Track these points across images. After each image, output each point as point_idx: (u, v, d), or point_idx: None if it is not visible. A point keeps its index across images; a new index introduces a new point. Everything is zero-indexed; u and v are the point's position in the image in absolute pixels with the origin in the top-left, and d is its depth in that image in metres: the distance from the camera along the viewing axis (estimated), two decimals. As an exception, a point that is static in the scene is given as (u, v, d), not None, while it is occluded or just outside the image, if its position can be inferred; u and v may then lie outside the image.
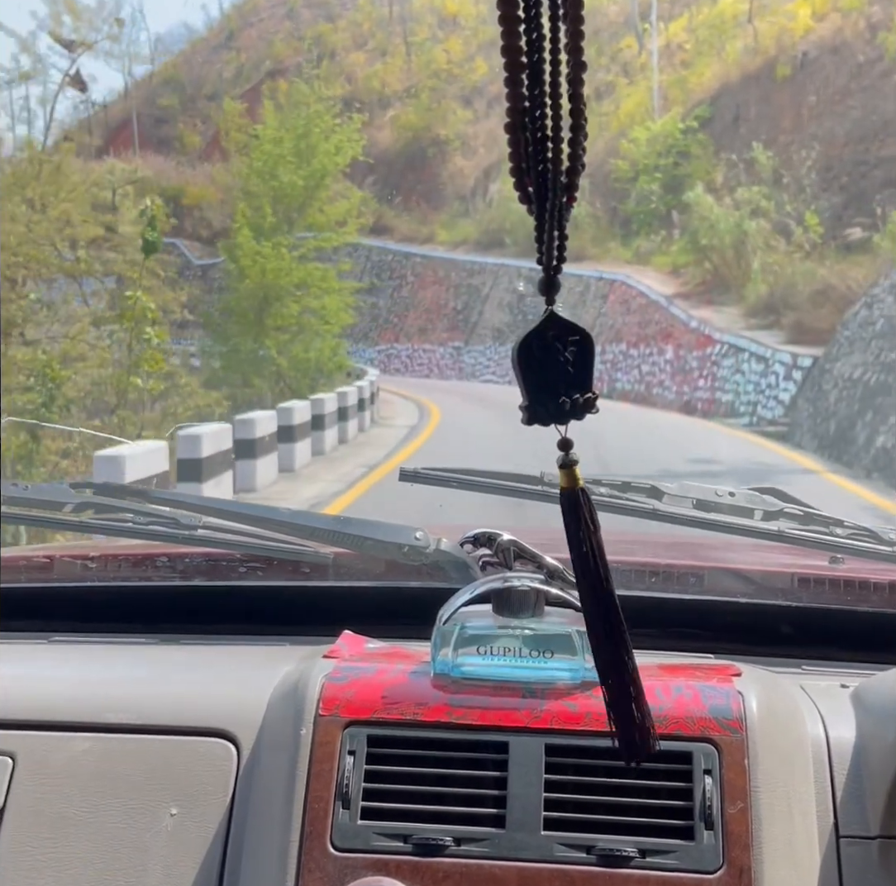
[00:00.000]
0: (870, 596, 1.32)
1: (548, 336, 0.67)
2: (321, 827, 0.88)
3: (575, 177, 0.63)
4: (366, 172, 43.06)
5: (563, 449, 0.71)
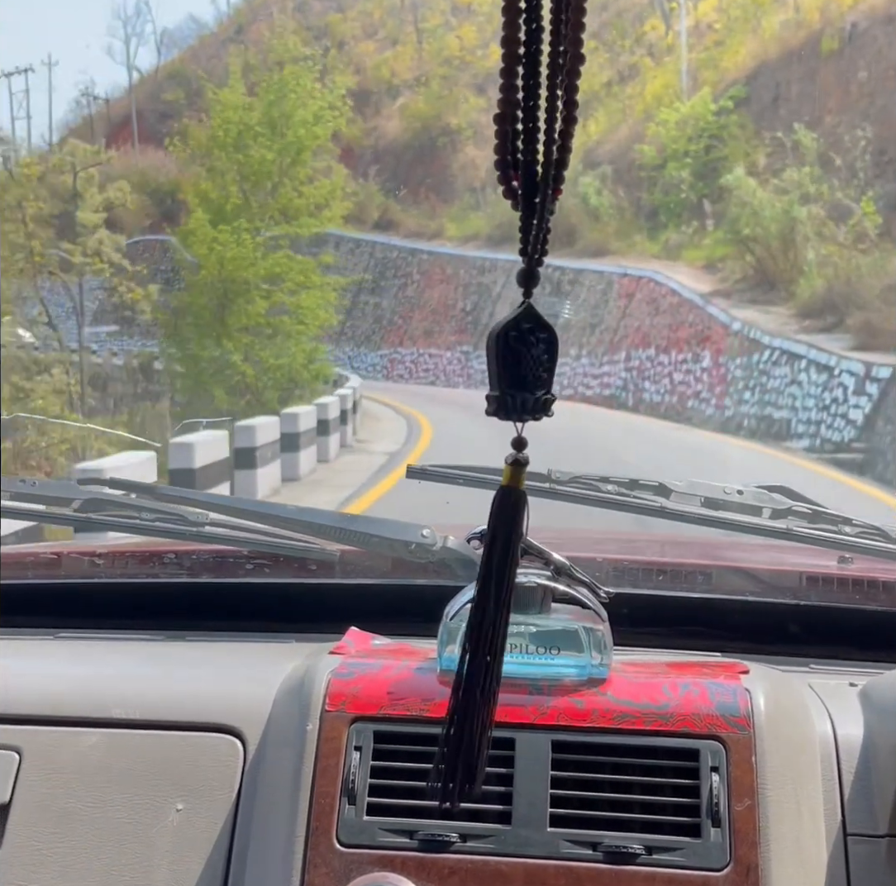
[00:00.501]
0: (878, 594, 1.33)
1: (523, 328, 0.66)
2: (327, 823, 0.89)
3: (562, 169, 0.63)
4: (370, 163, 40.20)
5: (517, 447, 0.70)
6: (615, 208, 27.52)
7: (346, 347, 34.24)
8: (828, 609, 1.24)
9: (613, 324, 24.26)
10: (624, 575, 1.33)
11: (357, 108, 45.13)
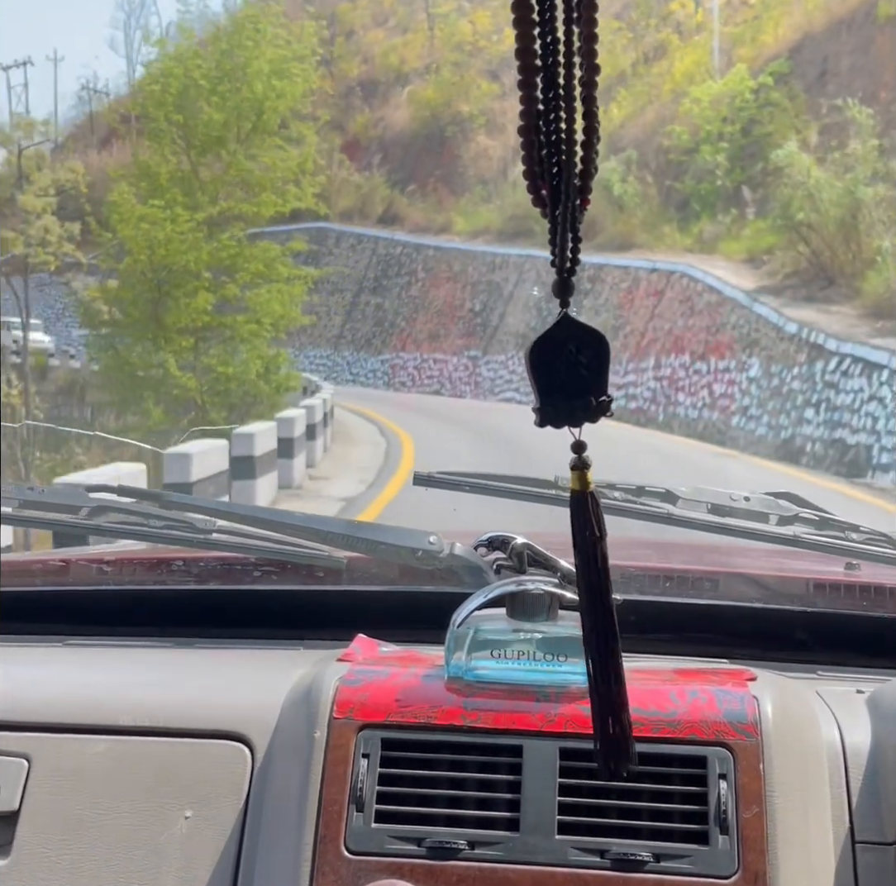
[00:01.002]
0: (886, 601, 1.32)
1: (561, 338, 0.67)
2: (335, 830, 0.89)
3: (588, 179, 0.64)
4: (375, 154, 37.50)
5: (576, 451, 0.71)
6: (641, 197, 24.52)
7: (346, 352, 31.49)
8: (835, 615, 1.24)
9: (640, 327, 21.21)
10: (631, 582, 1.31)
11: (364, 99, 42.25)
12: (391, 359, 30.10)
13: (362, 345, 31.72)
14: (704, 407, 17.88)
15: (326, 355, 32.68)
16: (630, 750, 0.79)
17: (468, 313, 27.88)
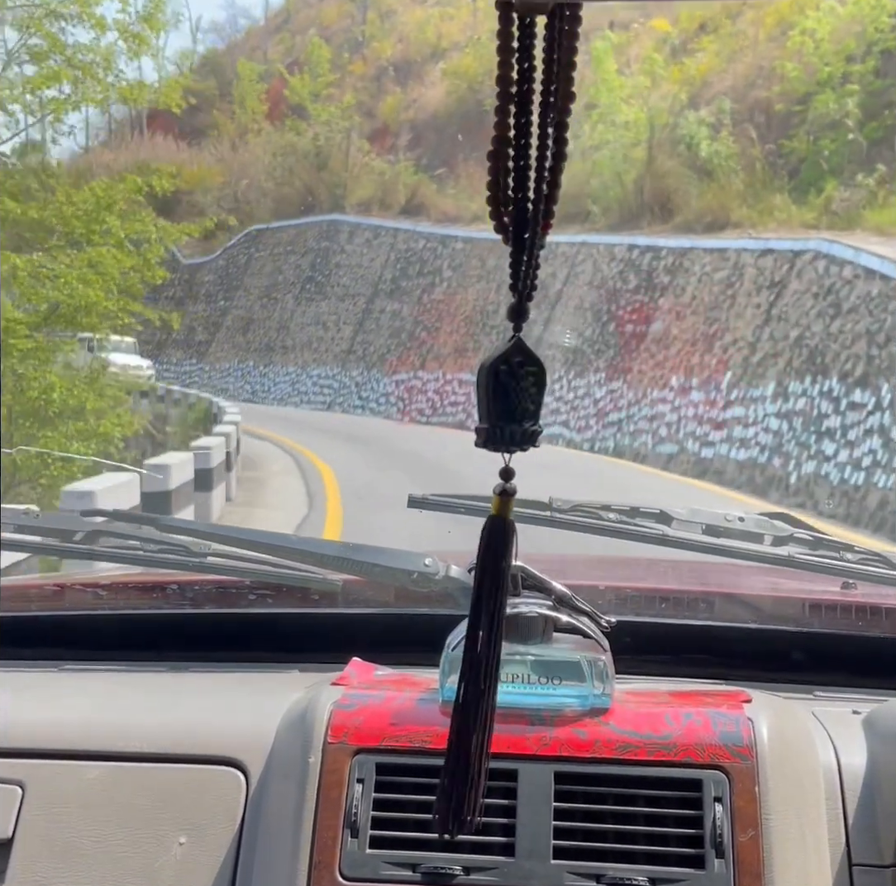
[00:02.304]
0: (881, 621, 1.34)
1: (514, 362, 0.68)
2: (330, 856, 0.89)
3: (552, 204, 0.65)
4: (402, 135, 31.28)
5: (504, 477, 0.72)
6: (739, 159, 17.98)
7: (355, 370, 25.05)
8: (831, 636, 1.24)
9: (748, 334, 14.49)
10: (626, 603, 1.32)
11: (397, 80, 36.24)
12: (408, 380, 23.71)
13: (374, 362, 25.39)
14: (880, 467, 10.49)
15: (332, 374, 26.52)
16: (474, 805, 0.79)
17: (503, 321, 21.32)
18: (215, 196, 36.84)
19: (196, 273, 35.08)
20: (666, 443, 15.14)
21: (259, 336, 30.45)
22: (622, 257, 18.61)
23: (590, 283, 19.17)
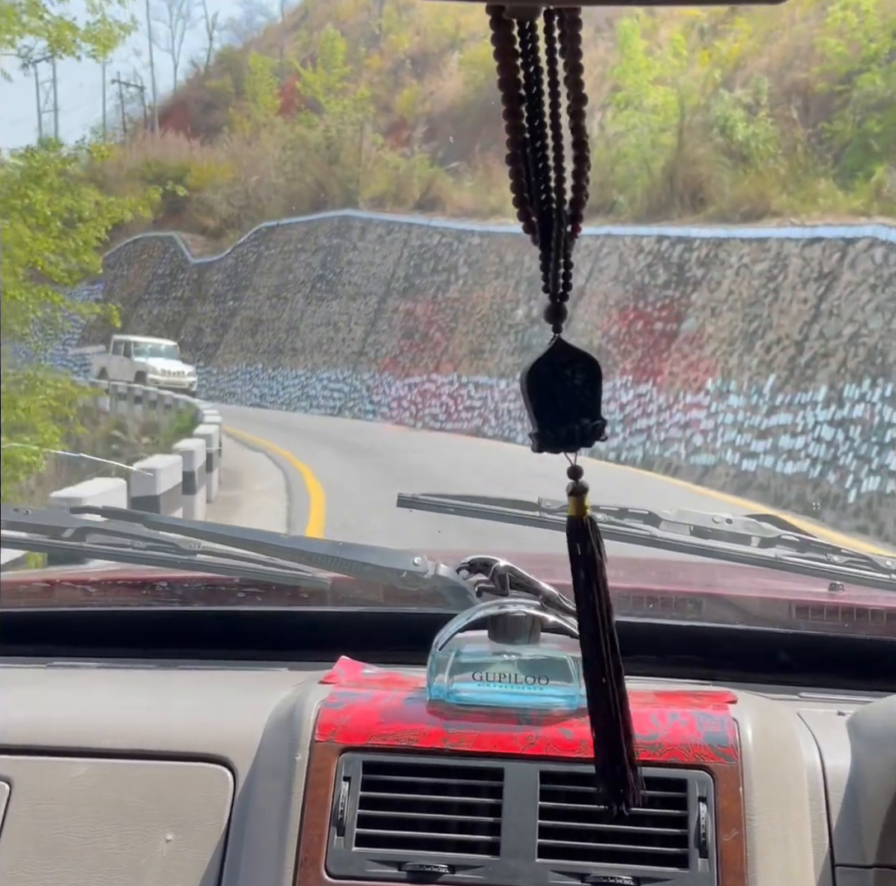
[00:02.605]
0: (867, 623, 1.34)
1: (556, 363, 0.67)
2: (316, 854, 0.89)
3: (579, 207, 0.65)
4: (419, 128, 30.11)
5: (572, 476, 0.71)
6: (779, 142, 16.54)
7: (366, 373, 23.71)
8: (817, 637, 1.25)
9: (794, 332, 13.01)
10: (614, 603, 1.28)
11: (414, 72, 35.25)
12: (421, 384, 22.32)
13: (386, 365, 24.01)
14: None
15: (342, 377, 25.20)
16: (635, 780, 0.79)
17: (523, 319, 19.96)
18: (225, 193, 35.62)
19: (205, 272, 33.91)
20: (701, 454, 13.69)
21: (268, 337, 29.20)
22: (650, 249, 17.16)
23: (615, 278, 17.71)
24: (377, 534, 8.24)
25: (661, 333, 15.90)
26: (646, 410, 15.44)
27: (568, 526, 0.73)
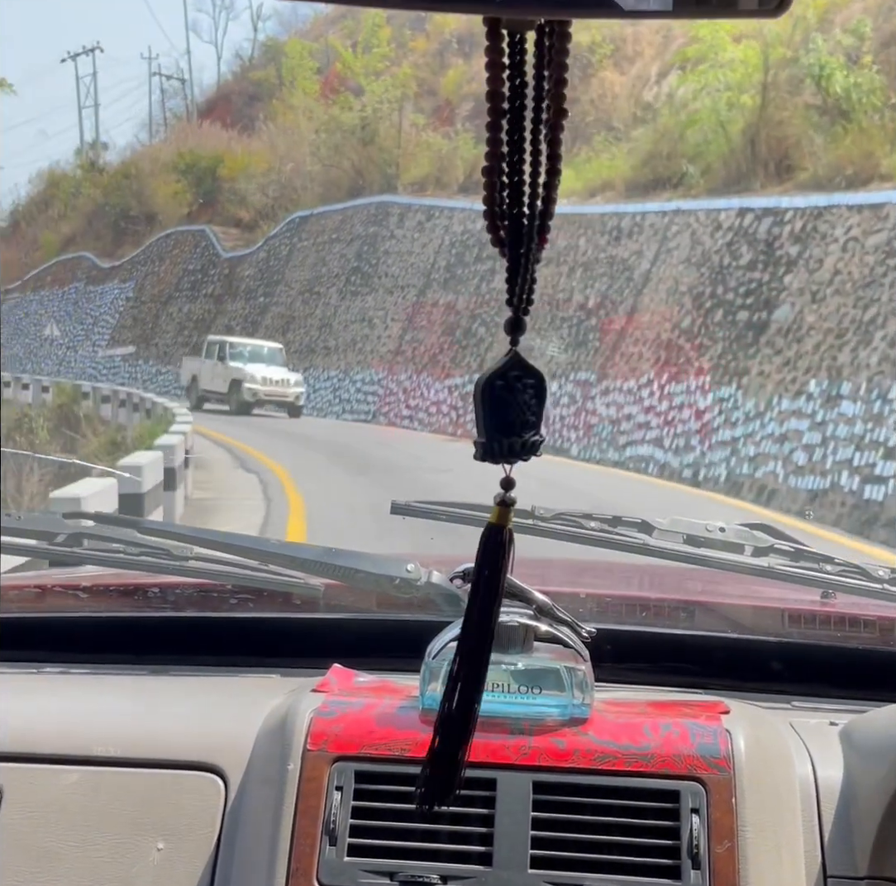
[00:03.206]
0: (860, 632, 1.34)
1: (510, 376, 0.69)
2: (308, 864, 0.89)
3: (547, 219, 0.65)
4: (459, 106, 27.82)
5: (505, 487, 0.73)
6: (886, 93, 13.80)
7: (402, 374, 21.23)
8: (809, 646, 1.25)
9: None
10: (607, 611, 1.33)
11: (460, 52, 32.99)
12: (462, 386, 19.72)
13: (425, 364, 21.48)
14: None
15: (377, 379, 22.75)
16: (457, 781, 0.80)
17: (578, 311, 17.28)
18: (259, 183, 33.34)
19: (236, 267, 31.72)
20: (806, 475, 10.86)
21: (300, 336, 26.85)
22: (730, 225, 14.43)
23: (687, 260, 14.99)
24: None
25: (747, 324, 13.15)
26: (730, 418, 12.71)
27: (484, 531, 0.75)
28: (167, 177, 40.55)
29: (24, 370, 38.67)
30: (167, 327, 35.50)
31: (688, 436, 13.34)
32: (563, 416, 16.37)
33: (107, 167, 45.33)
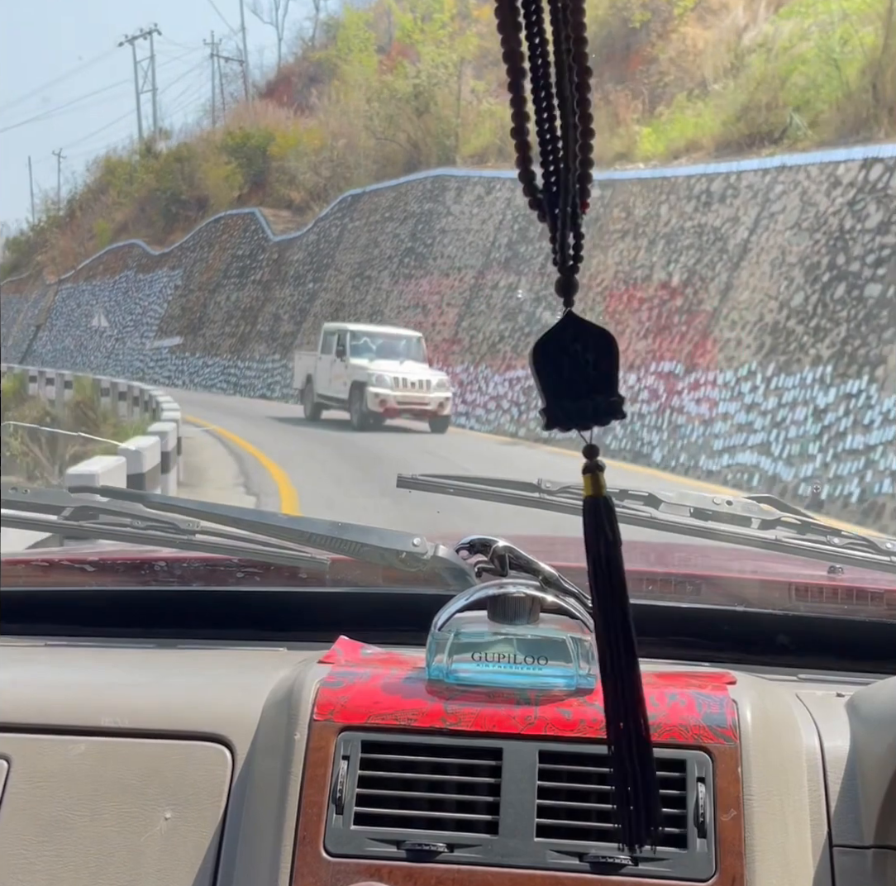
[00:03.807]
0: (867, 605, 1.33)
1: (566, 337, 0.66)
2: (314, 832, 0.90)
3: (586, 182, 0.64)
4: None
5: (588, 455, 0.69)
6: None
7: (458, 366, 19.00)
8: (816, 619, 1.24)
9: None
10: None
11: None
12: (525, 379, 17.35)
13: (483, 354, 19.14)
14: None
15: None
16: (649, 758, 0.77)
17: (659, 290, 14.73)
18: (311, 161, 31.24)
19: (285, 251, 29.73)
20: None
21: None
22: (851, 180, 11.86)
23: (796, 225, 12.41)
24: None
25: (880, 302, 10.54)
26: (860, 420, 10.12)
27: (584, 505, 0.72)
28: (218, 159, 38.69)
29: (75, 363, 37.32)
30: (215, 316, 33.61)
31: (804, 443, 10.75)
32: (643, 415, 13.84)
33: (162, 152, 43.81)
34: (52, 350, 40.27)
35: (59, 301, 42.40)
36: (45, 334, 42.18)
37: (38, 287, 45.17)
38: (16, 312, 47.10)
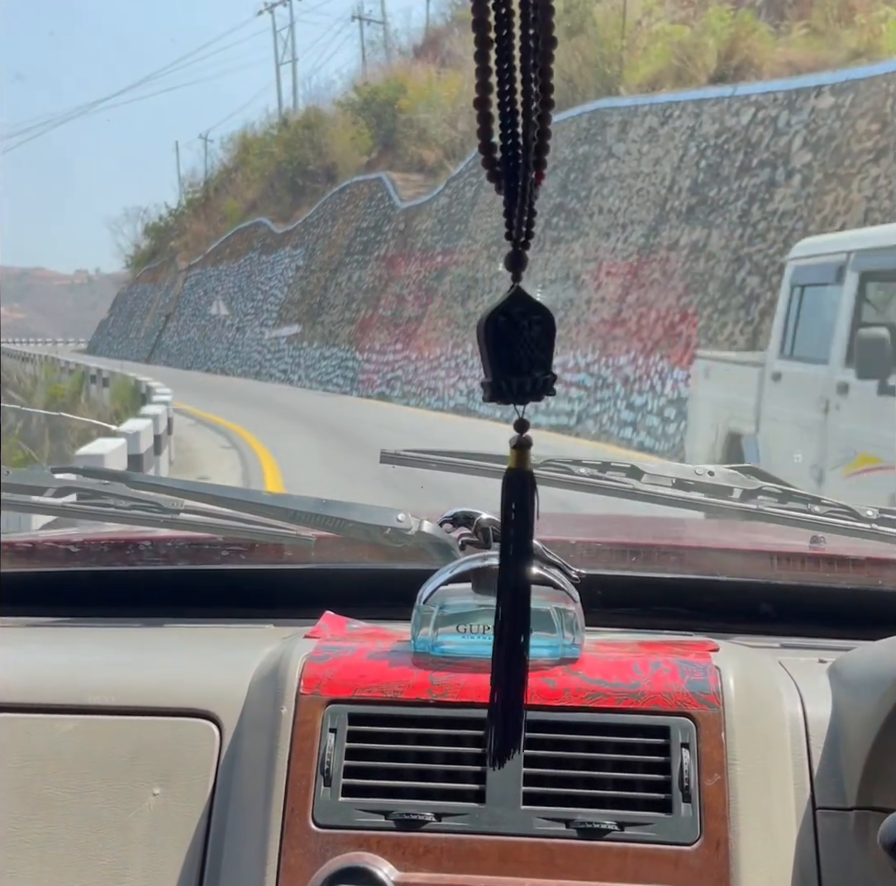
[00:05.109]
0: (848, 572, 1.34)
1: (513, 313, 0.67)
2: (303, 805, 0.91)
3: (544, 153, 0.64)
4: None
5: (518, 429, 0.71)
6: None
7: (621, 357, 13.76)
8: (798, 587, 1.26)
9: None
10: (597, 557, 1.34)
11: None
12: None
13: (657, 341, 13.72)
14: None
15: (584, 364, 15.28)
16: (519, 726, 0.79)
17: None
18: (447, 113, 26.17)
19: (412, 220, 24.90)
20: None
21: (482, 304, 19.38)
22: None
23: None
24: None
25: None
26: None
27: (504, 478, 0.72)
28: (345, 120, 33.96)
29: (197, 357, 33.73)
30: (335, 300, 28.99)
31: None
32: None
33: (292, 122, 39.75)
34: (178, 342, 37.02)
35: (188, 288, 39.14)
36: (173, 324, 38.94)
37: (171, 274, 42.08)
38: (149, 302, 44.09)
